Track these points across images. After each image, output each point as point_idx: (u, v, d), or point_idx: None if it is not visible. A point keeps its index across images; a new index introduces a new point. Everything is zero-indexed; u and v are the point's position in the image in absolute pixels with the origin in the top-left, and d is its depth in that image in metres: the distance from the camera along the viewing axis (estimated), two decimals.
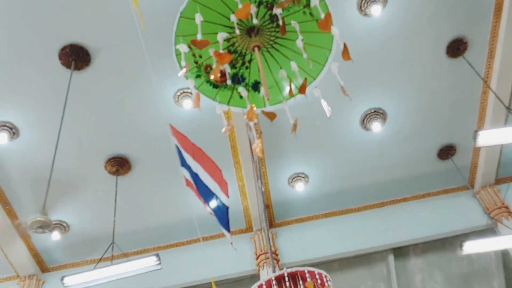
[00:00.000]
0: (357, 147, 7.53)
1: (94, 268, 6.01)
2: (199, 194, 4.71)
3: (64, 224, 7.64)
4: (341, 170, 7.81)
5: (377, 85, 6.90)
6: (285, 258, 7.79)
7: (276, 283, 4.18)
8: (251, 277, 7.84)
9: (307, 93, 3.15)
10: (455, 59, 6.77)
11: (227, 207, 4.76)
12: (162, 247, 8.21)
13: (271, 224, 8.21)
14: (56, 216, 7.44)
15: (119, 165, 7.02)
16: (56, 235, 7.64)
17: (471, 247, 6.60)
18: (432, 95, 7.12)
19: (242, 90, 3.24)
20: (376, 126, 7.20)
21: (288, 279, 4.15)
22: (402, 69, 6.78)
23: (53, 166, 4.91)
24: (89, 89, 6.19)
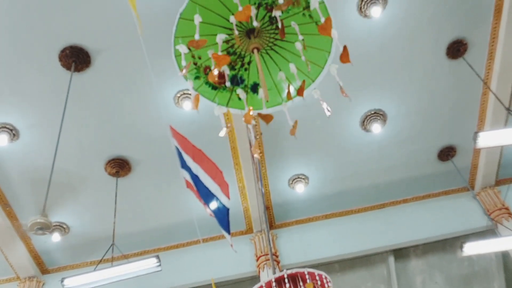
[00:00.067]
0: (357, 148, 7.53)
1: (94, 269, 6.00)
2: (199, 196, 4.70)
3: (64, 226, 7.64)
4: (341, 172, 7.81)
5: (377, 87, 6.90)
6: (285, 260, 7.78)
7: (276, 284, 4.18)
8: (251, 278, 7.83)
9: (306, 95, 3.15)
10: (455, 60, 6.77)
11: (227, 208, 4.75)
12: (162, 248, 8.20)
13: (271, 225, 8.21)
14: (56, 217, 7.44)
15: (119, 166, 7.02)
16: (56, 237, 7.63)
17: (471, 248, 6.59)
18: (432, 96, 7.12)
19: (240, 92, 3.25)
20: (376, 128, 7.20)
21: (288, 280, 4.15)
22: (402, 71, 6.78)
23: (53, 167, 4.90)
24: (89, 91, 6.19)
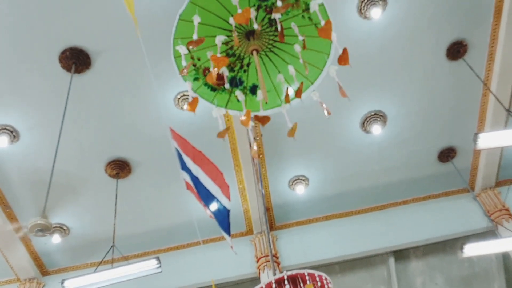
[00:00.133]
0: (357, 149, 7.53)
1: (95, 271, 5.99)
2: (199, 198, 4.70)
3: (65, 227, 7.64)
4: (341, 173, 7.81)
5: (377, 88, 6.90)
6: (285, 261, 7.78)
7: (276, 286, 4.18)
8: (251, 280, 7.83)
9: (305, 97, 3.15)
10: (455, 61, 6.77)
11: (228, 210, 4.74)
12: (162, 250, 8.21)
13: (271, 226, 8.21)
14: (56, 219, 7.44)
15: (120, 168, 7.01)
16: (56, 238, 7.63)
17: (471, 249, 6.59)
18: (432, 98, 7.12)
19: (239, 94, 3.24)
20: (376, 129, 7.20)
21: (288, 281, 4.15)
22: (402, 72, 6.78)
23: (53, 169, 4.90)
24: (89, 92, 6.19)
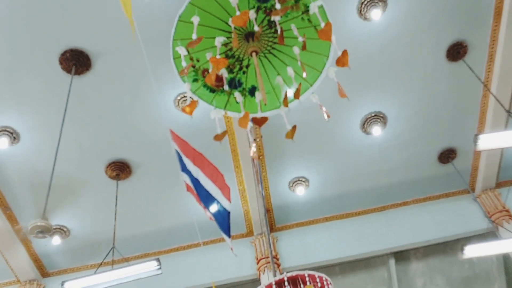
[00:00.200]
0: (357, 151, 7.53)
1: (95, 272, 5.99)
2: (199, 200, 4.69)
3: (65, 229, 7.63)
4: (341, 174, 7.81)
5: (377, 89, 6.91)
6: (286, 262, 7.77)
7: (276, 287, 4.18)
8: (252, 281, 7.83)
9: (304, 98, 3.15)
10: (455, 62, 6.77)
11: (228, 212, 4.74)
12: (162, 251, 8.20)
13: (271, 228, 8.20)
14: (56, 220, 7.44)
15: (120, 169, 7.02)
16: (56, 240, 7.63)
17: (472, 251, 6.59)
18: (433, 99, 7.12)
19: (237, 95, 3.24)
20: (376, 130, 7.20)
21: (288, 283, 4.15)
22: (402, 73, 6.78)
23: (53, 170, 4.90)
24: (89, 94, 6.20)
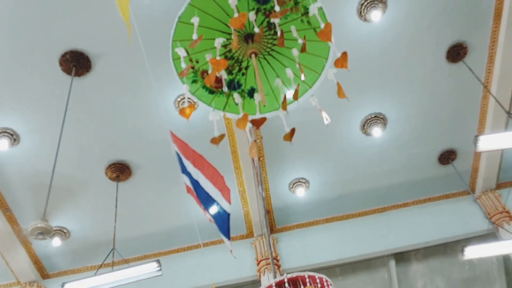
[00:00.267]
0: (357, 152, 7.53)
1: (95, 274, 5.99)
2: (199, 201, 4.68)
3: (65, 230, 7.63)
4: (342, 175, 7.81)
5: (377, 90, 6.91)
6: (286, 264, 7.76)
7: None
8: (252, 283, 7.83)
9: (304, 100, 3.15)
10: (455, 64, 6.77)
11: (228, 214, 4.73)
12: (162, 253, 8.20)
13: (272, 229, 8.19)
14: (56, 222, 7.43)
15: (120, 171, 7.01)
16: (56, 242, 7.62)
17: (472, 252, 6.58)
18: (433, 100, 7.12)
19: (236, 96, 3.25)
20: (376, 131, 7.20)
21: (289, 284, 4.14)
22: (402, 74, 6.79)
23: (53, 172, 4.90)
24: (89, 95, 6.20)
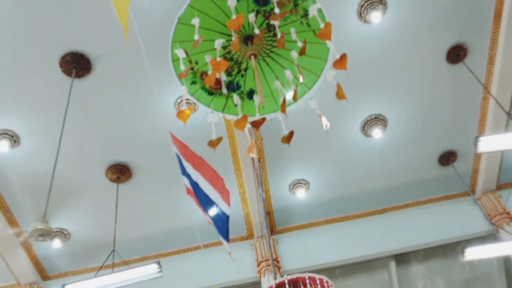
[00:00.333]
0: (358, 153, 7.53)
1: (95, 276, 5.98)
2: (199, 203, 4.69)
3: (65, 232, 7.63)
4: (342, 177, 7.80)
5: (377, 92, 6.91)
6: (286, 265, 7.76)
7: None
8: (252, 284, 7.82)
9: (303, 102, 3.15)
10: (455, 65, 6.77)
11: (227, 216, 4.72)
12: (163, 254, 8.19)
13: (272, 231, 8.19)
14: (56, 224, 7.43)
15: (120, 172, 7.02)
16: (57, 243, 7.62)
17: (472, 253, 6.58)
18: (433, 101, 7.12)
19: (235, 98, 3.25)
20: (376, 133, 7.20)
21: (289, 286, 4.13)
22: (402, 75, 6.79)
23: (54, 173, 4.90)
24: (90, 97, 6.20)
